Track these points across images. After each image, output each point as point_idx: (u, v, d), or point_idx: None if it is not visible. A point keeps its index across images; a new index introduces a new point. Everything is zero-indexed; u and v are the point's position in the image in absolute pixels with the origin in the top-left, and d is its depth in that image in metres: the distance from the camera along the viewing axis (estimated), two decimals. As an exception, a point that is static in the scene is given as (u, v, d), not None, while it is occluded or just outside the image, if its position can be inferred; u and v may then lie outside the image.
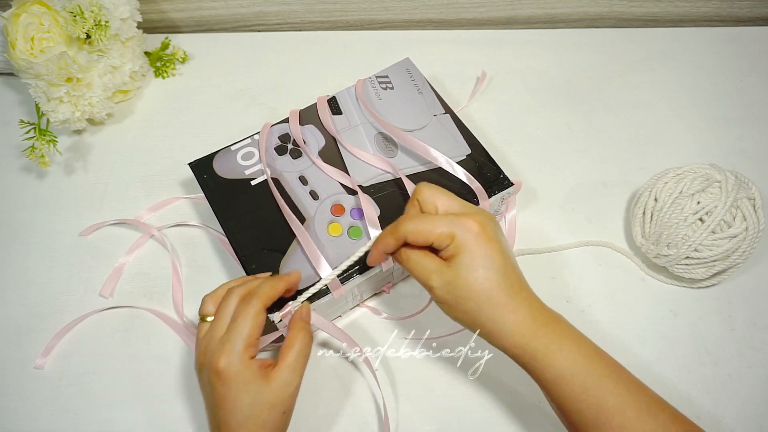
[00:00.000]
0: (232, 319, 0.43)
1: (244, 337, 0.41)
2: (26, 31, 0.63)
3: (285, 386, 0.41)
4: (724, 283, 0.58)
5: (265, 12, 0.80)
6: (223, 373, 0.40)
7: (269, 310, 0.48)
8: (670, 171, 0.58)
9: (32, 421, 0.52)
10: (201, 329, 0.45)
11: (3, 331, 0.56)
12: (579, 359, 0.40)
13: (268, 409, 0.41)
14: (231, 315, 0.43)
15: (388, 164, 0.56)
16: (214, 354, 0.41)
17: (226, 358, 0.40)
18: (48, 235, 0.62)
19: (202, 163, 0.58)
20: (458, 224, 0.41)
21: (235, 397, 0.40)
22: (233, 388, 0.40)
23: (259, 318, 0.42)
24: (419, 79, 0.64)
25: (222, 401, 0.40)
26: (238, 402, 0.40)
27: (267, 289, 0.44)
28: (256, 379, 0.41)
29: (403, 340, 0.55)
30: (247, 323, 0.42)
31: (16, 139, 0.66)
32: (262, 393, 0.41)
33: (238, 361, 0.41)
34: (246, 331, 0.41)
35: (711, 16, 0.82)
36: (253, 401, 0.40)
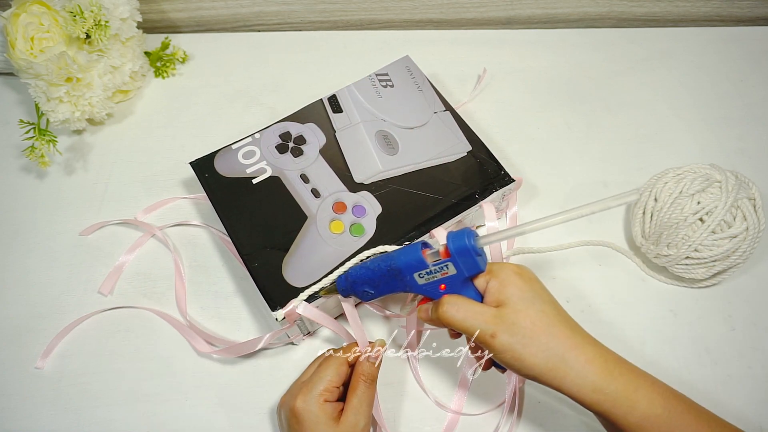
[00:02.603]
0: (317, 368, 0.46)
1: (324, 382, 0.44)
2: (26, 31, 0.63)
3: (352, 427, 0.43)
4: (724, 283, 0.58)
5: (265, 12, 0.80)
6: (298, 412, 0.43)
7: (272, 307, 0.48)
8: (670, 171, 0.58)
9: (32, 421, 0.52)
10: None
11: (3, 331, 0.56)
12: (657, 399, 0.38)
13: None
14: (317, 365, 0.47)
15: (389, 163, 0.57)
16: (294, 395, 0.44)
17: (303, 399, 0.43)
18: (48, 235, 0.62)
19: (203, 162, 0.58)
20: (494, 266, 0.42)
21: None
22: (307, 427, 0.43)
23: (340, 369, 0.45)
24: (419, 76, 0.64)
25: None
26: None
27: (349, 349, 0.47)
28: (328, 420, 0.43)
29: (404, 340, 0.55)
30: (328, 372, 0.45)
31: (16, 139, 0.66)
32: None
33: (314, 403, 0.43)
34: (326, 378, 0.44)
35: (711, 16, 0.82)
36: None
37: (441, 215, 0.54)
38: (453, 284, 0.41)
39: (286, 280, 0.50)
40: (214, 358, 0.55)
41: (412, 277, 0.42)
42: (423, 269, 0.42)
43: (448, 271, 0.41)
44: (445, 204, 0.54)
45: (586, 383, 0.38)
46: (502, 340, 0.39)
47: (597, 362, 0.38)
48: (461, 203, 0.55)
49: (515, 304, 0.40)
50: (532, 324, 0.39)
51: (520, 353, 0.39)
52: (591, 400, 0.38)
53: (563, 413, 0.51)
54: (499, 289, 0.41)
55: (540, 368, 0.39)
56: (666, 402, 0.38)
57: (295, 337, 0.53)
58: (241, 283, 0.58)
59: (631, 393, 0.38)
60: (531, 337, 0.39)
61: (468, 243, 0.39)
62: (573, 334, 0.39)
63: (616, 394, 0.38)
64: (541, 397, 0.52)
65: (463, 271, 0.40)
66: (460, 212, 0.54)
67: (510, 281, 0.41)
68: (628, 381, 0.38)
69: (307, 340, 0.55)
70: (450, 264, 0.40)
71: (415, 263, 0.42)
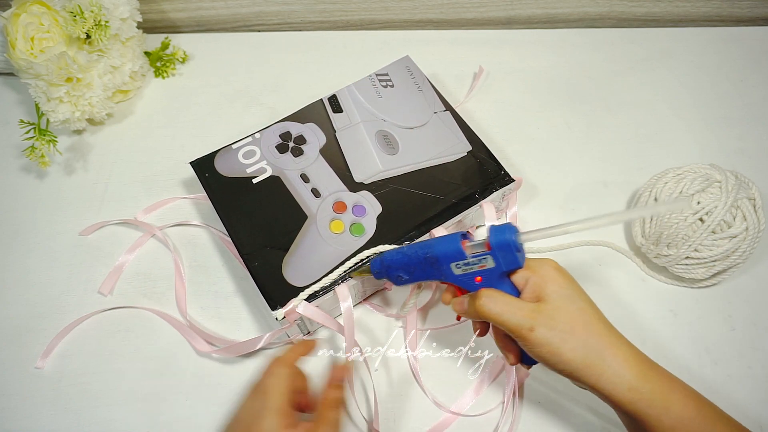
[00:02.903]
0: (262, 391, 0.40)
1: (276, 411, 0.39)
2: (26, 31, 0.63)
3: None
4: (724, 283, 0.58)
5: (265, 12, 0.80)
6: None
7: (272, 307, 0.48)
8: (670, 171, 0.58)
9: (32, 421, 0.52)
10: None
11: (3, 331, 0.56)
12: (690, 403, 0.38)
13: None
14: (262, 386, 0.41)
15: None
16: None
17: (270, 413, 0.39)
18: (48, 235, 0.62)
19: (204, 161, 0.58)
20: (533, 263, 0.42)
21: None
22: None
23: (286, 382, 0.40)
24: (419, 76, 0.64)
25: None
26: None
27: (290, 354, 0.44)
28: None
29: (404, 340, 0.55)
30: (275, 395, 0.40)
31: (16, 139, 0.66)
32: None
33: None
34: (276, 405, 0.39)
35: (711, 16, 0.82)
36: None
37: (441, 215, 0.54)
38: (489, 277, 0.42)
39: (286, 279, 0.50)
40: (214, 357, 0.55)
41: (448, 266, 0.42)
42: (461, 260, 0.42)
43: (486, 264, 0.41)
44: (445, 204, 0.54)
45: (622, 382, 0.38)
46: (540, 334, 0.39)
47: (633, 362, 0.39)
48: (461, 203, 0.55)
49: (555, 301, 0.40)
50: (571, 320, 0.39)
51: (558, 348, 0.39)
52: (626, 399, 0.38)
53: (563, 414, 0.51)
54: (539, 284, 0.41)
55: (577, 364, 0.38)
56: (699, 407, 0.38)
57: (295, 337, 0.53)
58: (241, 282, 0.58)
59: (666, 394, 0.38)
60: (570, 333, 0.39)
61: (510, 238, 0.40)
62: (609, 333, 0.40)
63: (651, 394, 0.38)
64: (541, 398, 0.52)
65: (502, 266, 0.41)
66: (460, 212, 0.54)
67: (550, 278, 0.41)
68: (663, 383, 0.38)
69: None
70: (489, 257, 0.41)
71: (454, 253, 0.42)
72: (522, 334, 0.39)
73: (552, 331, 0.39)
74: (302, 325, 0.52)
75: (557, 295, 0.40)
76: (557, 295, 0.40)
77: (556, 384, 0.53)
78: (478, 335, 0.46)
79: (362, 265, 0.50)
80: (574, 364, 0.39)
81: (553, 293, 0.40)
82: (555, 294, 0.40)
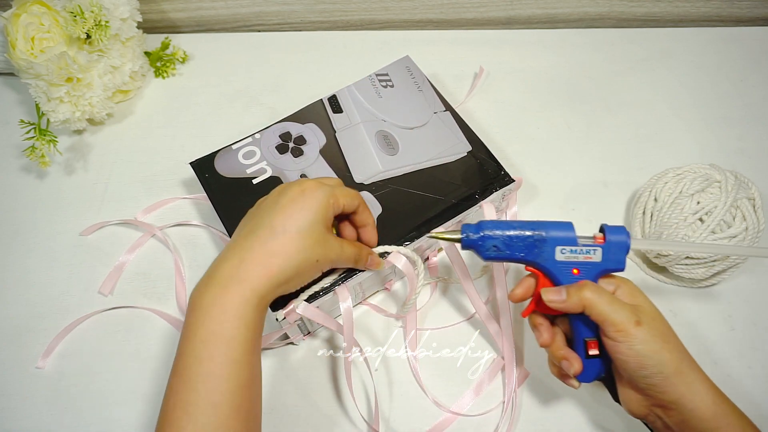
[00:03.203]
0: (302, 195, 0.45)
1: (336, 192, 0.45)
2: (26, 31, 0.63)
3: (335, 246, 0.45)
4: (723, 283, 0.58)
5: (265, 12, 0.80)
6: (307, 187, 0.44)
7: (273, 308, 0.48)
8: (670, 171, 0.58)
9: (32, 421, 0.52)
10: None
11: (3, 331, 0.56)
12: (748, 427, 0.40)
13: (315, 242, 0.43)
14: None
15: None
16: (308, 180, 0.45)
17: (320, 182, 0.45)
18: (48, 235, 0.62)
19: (204, 162, 0.58)
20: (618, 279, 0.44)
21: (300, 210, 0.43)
22: (306, 204, 0.43)
23: (355, 197, 0.47)
24: (419, 76, 0.64)
25: (287, 207, 0.43)
26: (300, 216, 0.42)
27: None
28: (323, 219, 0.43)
29: (404, 340, 0.55)
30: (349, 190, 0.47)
31: (16, 139, 0.66)
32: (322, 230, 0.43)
33: (325, 192, 0.44)
34: (339, 191, 0.45)
35: (711, 16, 0.82)
36: (314, 222, 0.43)
37: (441, 215, 0.54)
38: (588, 272, 0.42)
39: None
40: (214, 358, 0.54)
41: (553, 249, 0.42)
42: (571, 245, 0.42)
43: (593, 256, 0.42)
44: (445, 204, 0.54)
45: (708, 395, 0.39)
46: (646, 329, 0.39)
47: (709, 382, 0.40)
48: (461, 203, 0.55)
49: (650, 309, 0.41)
50: (667, 328, 0.41)
51: (660, 346, 0.39)
52: (711, 413, 0.39)
53: (563, 414, 0.51)
54: (631, 293, 0.42)
55: (673, 367, 0.39)
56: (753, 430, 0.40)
57: (295, 337, 0.53)
58: (241, 283, 0.58)
59: (741, 416, 0.40)
60: (669, 335, 0.40)
61: (626, 240, 0.41)
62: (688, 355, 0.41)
63: (731, 410, 0.39)
64: (541, 397, 0.52)
65: (609, 262, 0.42)
66: (461, 212, 0.54)
67: (639, 292, 0.42)
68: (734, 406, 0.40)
69: (307, 340, 0.55)
70: (599, 250, 0.42)
71: (565, 237, 0.42)
72: (626, 328, 0.39)
73: (655, 329, 0.40)
74: (302, 325, 0.52)
75: (649, 306, 0.41)
76: (648, 306, 0.42)
77: (555, 385, 0.53)
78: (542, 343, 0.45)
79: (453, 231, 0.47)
80: (669, 367, 0.39)
81: (645, 303, 0.42)
82: (647, 304, 0.42)
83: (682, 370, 0.39)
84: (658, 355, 0.39)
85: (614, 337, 0.40)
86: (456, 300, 0.57)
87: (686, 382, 0.39)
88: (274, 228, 0.42)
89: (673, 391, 0.39)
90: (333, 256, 0.45)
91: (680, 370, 0.39)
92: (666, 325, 0.41)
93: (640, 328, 0.39)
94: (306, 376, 0.53)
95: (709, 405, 0.39)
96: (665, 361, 0.39)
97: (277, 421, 0.51)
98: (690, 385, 0.39)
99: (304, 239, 0.42)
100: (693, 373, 0.40)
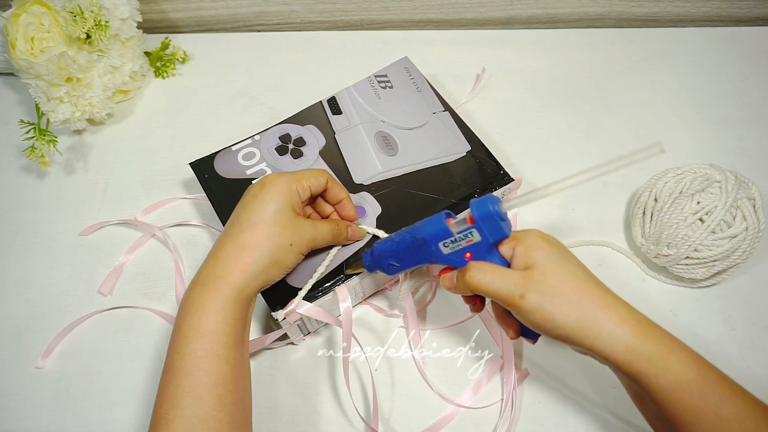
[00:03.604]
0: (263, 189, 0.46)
1: (305, 176, 0.46)
2: (26, 31, 0.63)
3: (307, 227, 0.46)
4: (724, 283, 0.58)
5: (265, 12, 0.80)
6: (267, 180, 0.45)
7: (273, 308, 0.48)
8: (670, 171, 0.58)
9: (32, 421, 0.52)
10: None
11: (3, 331, 0.56)
12: (691, 364, 0.37)
13: (284, 228, 0.44)
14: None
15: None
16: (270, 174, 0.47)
17: (278, 175, 0.46)
18: (48, 235, 0.62)
19: (203, 162, 0.58)
20: (519, 233, 0.42)
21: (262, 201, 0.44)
22: (267, 196, 0.44)
23: (320, 178, 0.48)
24: (418, 77, 0.64)
25: (250, 202, 0.45)
26: (263, 207, 0.44)
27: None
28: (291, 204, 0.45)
29: (404, 340, 0.55)
30: (312, 173, 0.47)
31: (16, 139, 0.66)
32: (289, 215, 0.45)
33: (287, 181, 0.45)
34: (308, 175, 0.47)
35: (711, 16, 0.82)
36: (278, 210, 0.44)
37: (441, 215, 0.54)
38: (478, 252, 0.41)
39: (286, 280, 0.50)
40: (214, 358, 0.55)
41: (437, 246, 0.42)
42: (448, 238, 0.42)
43: (473, 238, 0.41)
44: (445, 204, 0.54)
45: (619, 342, 0.37)
46: (531, 300, 0.38)
47: (630, 322, 0.38)
48: (461, 203, 0.55)
49: (543, 266, 0.39)
50: (561, 283, 0.39)
51: (551, 312, 0.38)
52: (623, 360, 0.37)
53: (563, 414, 0.51)
54: (525, 253, 0.40)
55: (571, 327, 0.38)
56: (699, 369, 0.37)
57: (295, 337, 0.53)
58: (241, 283, 0.58)
59: (665, 355, 0.37)
60: (561, 296, 0.38)
61: (492, 208, 0.39)
62: (604, 294, 0.39)
63: (649, 354, 0.37)
64: (541, 398, 0.52)
65: (488, 237, 0.40)
66: (460, 212, 0.54)
67: (536, 245, 0.40)
68: (662, 343, 0.37)
69: (307, 340, 0.55)
70: (474, 230, 0.40)
71: (440, 232, 0.42)
72: (513, 302, 0.39)
73: (542, 296, 0.38)
74: (302, 325, 0.52)
75: (545, 261, 0.40)
76: (545, 260, 0.40)
77: (555, 385, 0.53)
78: (473, 310, 0.47)
79: (354, 261, 0.50)
80: (568, 327, 0.38)
81: (541, 259, 0.40)
82: (542, 260, 0.40)
83: (583, 326, 0.38)
84: (550, 323, 0.38)
85: (509, 310, 0.40)
86: (456, 300, 0.57)
87: (592, 336, 0.38)
88: (241, 224, 0.44)
89: (582, 344, 0.38)
90: (307, 236, 0.46)
91: (581, 327, 0.38)
92: (561, 279, 0.39)
93: (524, 301, 0.38)
94: (306, 376, 0.53)
95: (621, 352, 0.37)
96: (560, 325, 0.38)
97: (276, 421, 0.51)
98: (596, 337, 0.38)
99: (270, 227, 0.43)
100: (597, 325, 0.38)
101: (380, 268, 0.47)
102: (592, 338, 0.38)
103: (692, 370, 0.37)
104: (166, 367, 0.40)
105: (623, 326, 0.38)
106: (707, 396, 0.36)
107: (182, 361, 0.40)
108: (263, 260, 0.43)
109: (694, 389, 0.36)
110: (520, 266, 0.41)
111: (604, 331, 0.38)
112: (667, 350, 0.37)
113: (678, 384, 0.36)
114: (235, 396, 0.40)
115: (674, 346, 0.38)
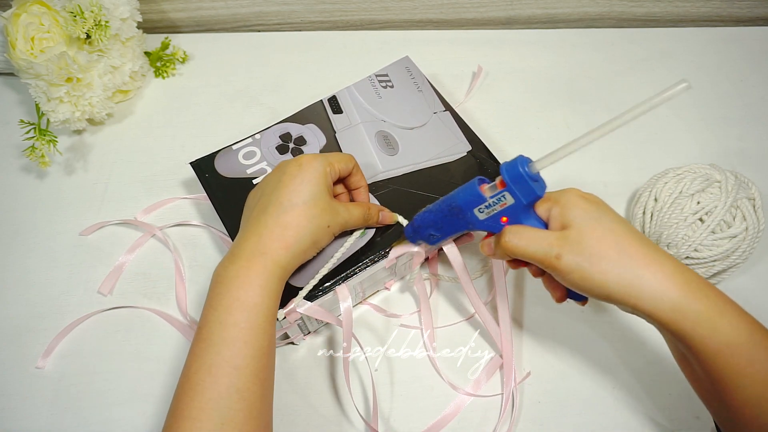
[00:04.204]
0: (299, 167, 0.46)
1: (336, 158, 0.47)
2: (26, 31, 0.63)
3: (342, 210, 0.46)
4: (724, 283, 0.58)
5: (265, 12, 0.80)
6: (303, 162, 0.45)
7: None
8: (670, 171, 0.58)
9: (32, 421, 0.52)
10: None
11: (3, 331, 0.56)
12: (742, 326, 0.35)
13: (322, 210, 0.44)
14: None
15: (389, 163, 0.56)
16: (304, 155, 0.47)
17: (313, 156, 0.46)
18: (48, 235, 0.62)
19: (204, 162, 0.58)
20: (555, 194, 0.41)
21: (301, 183, 0.44)
22: (305, 178, 0.44)
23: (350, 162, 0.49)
24: (419, 77, 0.64)
25: (289, 183, 0.44)
26: (303, 189, 0.44)
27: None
28: (325, 186, 0.45)
29: (404, 340, 0.55)
30: (343, 156, 0.48)
31: (16, 139, 0.66)
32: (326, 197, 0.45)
33: (321, 162, 0.45)
34: (339, 157, 0.47)
35: (711, 16, 0.82)
36: (318, 192, 0.44)
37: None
38: (514, 215, 0.41)
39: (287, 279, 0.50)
40: (214, 358, 0.54)
41: (472, 213, 0.42)
42: (482, 203, 0.42)
43: (506, 201, 0.41)
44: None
45: (664, 301, 0.35)
46: (568, 260, 0.37)
47: (677, 279, 0.36)
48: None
49: (580, 224, 0.38)
50: (599, 241, 0.37)
51: (589, 272, 0.37)
52: (669, 319, 0.35)
53: (563, 413, 0.51)
54: (562, 212, 0.39)
55: (612, 286, 0.36)
56: (752, 332, 0.35)
57: (295, 337, 0.53)
58: (241, 283, 0.58)
59: (716, 316, 0.35)
60: (599, 255, 0.37)
61: (521, 169, 0.39)
62: (647, 251, 0.37)
63: (698, 314, 0.35)
64: (541, 398, 0.52)
65: (521, 199, 0.40)
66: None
67: (573, 203, 0.39)
68: (713, 303, 0.35)
69: (307, 340, 0.55)
70: (507, 194, 0.40)
71: (474, 198, 0.42)
72: (550, 263, 0.38)
73: (579, 255, 0.37)
74: (303, 325, 0.52)
75: (582, 219, 0.38)
76: (582, 218, 0.38)
77: (555, 384, 0.53)
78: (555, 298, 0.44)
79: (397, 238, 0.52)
80: (608, 287, 0.37)
81: (578, 217, 0.39)
82: (579, 218, 0.38)
83: (624, 285, 0.36)
84: (590, 280, 0.37)
85: (548, 272, 0.39)
86: (456, 300, 0.57)
87: (634, 295, 0.36)
88: (282, 204, 0.43)
89: (625, 303, 0.37)
90: (341, 220, 0.46)
91: (623, 285, 0.36)
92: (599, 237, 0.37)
93: (561, 262, 0.38)
94: (306, 376, 0.53)
95: (667, 312, 0.35)
96: (599, 284, 0.37)
97: (276, 421, 0.51)
98: (639, 296, 0.36)
99: (311, 209, 0.44)
100: (641, 283, 0.36)
101: (422, 238, 0.48)
102: (634, 297, 0.36)
103: (743, 334, 0.35)
104: (203, 336, 0.40)
105: (668, 284, 0.36)
106: (756, 362, 0.34)
107: (223, 331, 0.39)
108: (306, 240, 0.44)
109: (743, 352, 0.34)
110: (558, 227, 0.40)
111: (647, 289, 0.36)
112: (718, 311, 0.35)
113: (727, 347, 0.35)
114: (267, 371, 0.41)
115: (727, 307, 0.36)
